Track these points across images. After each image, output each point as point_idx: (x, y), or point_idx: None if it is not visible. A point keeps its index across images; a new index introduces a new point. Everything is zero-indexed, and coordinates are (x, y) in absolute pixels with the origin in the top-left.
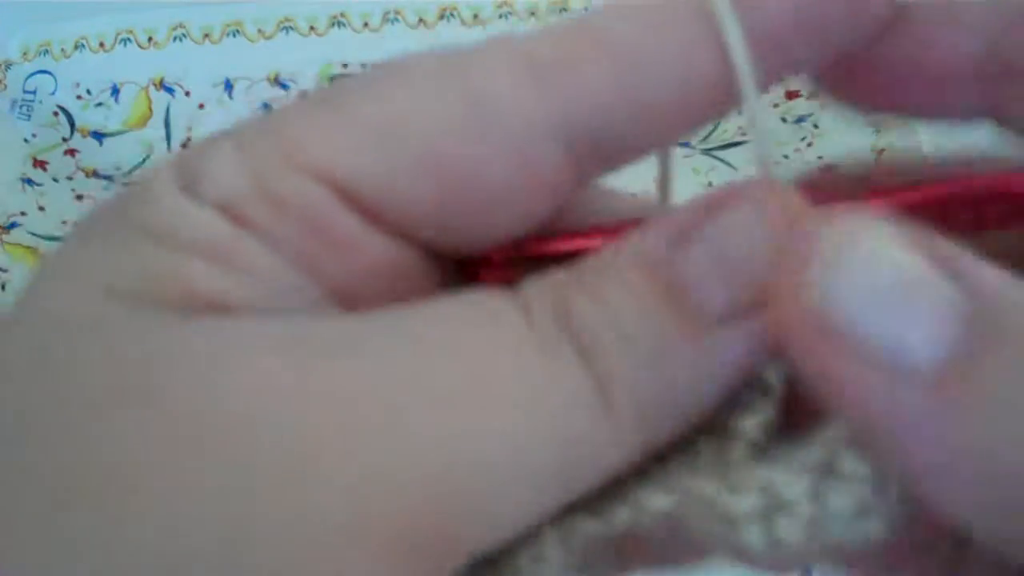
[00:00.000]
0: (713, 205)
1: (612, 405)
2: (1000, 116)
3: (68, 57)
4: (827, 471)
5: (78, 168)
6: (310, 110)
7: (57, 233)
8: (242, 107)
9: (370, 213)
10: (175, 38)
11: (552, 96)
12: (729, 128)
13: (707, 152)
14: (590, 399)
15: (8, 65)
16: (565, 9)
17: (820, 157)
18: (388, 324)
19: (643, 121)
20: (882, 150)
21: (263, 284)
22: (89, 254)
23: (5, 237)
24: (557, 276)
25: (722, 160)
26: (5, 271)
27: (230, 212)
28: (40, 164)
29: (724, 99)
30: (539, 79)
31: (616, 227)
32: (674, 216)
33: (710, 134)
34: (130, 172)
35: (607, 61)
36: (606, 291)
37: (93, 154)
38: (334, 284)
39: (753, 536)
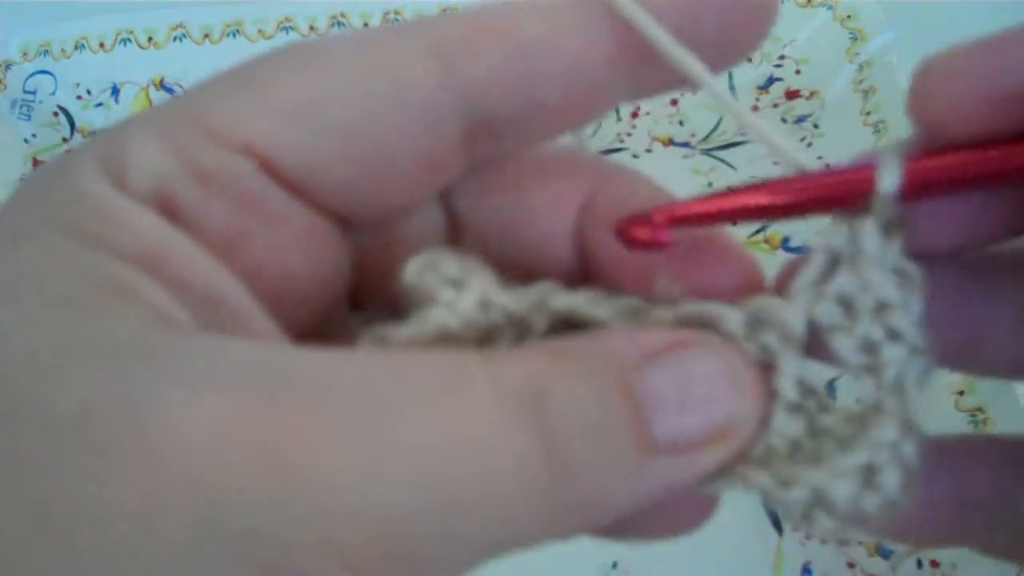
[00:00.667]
0: (680, 340)
1: (558, 490)
2: None
3: (68, 57)
4: (869, 478)
5: None
6: (226, 90)
7: None
8: None
9: (292, 185)
10: (175, 38)
11: (455, 80)
12: (728, 128)
13: (707, 152)
14: (539, 478)
15: (8, 65)
16: None
17: (820, 157)
18: (359, 370)
19: (537, 108)
20: None
21: (197, 294)
22: (22, 259)
23: None
24: (534, 355)
25: (722, 160)
26: None
27: (162, 196)
28: (40, 164)
29: (613, 95)
30: (444, 63)
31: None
32: (648, 334)
33: (710, 134)
34: None
35: (508, 48)
36: (583, 386)
37: None
38: (260, 260)
39: (793, 515)
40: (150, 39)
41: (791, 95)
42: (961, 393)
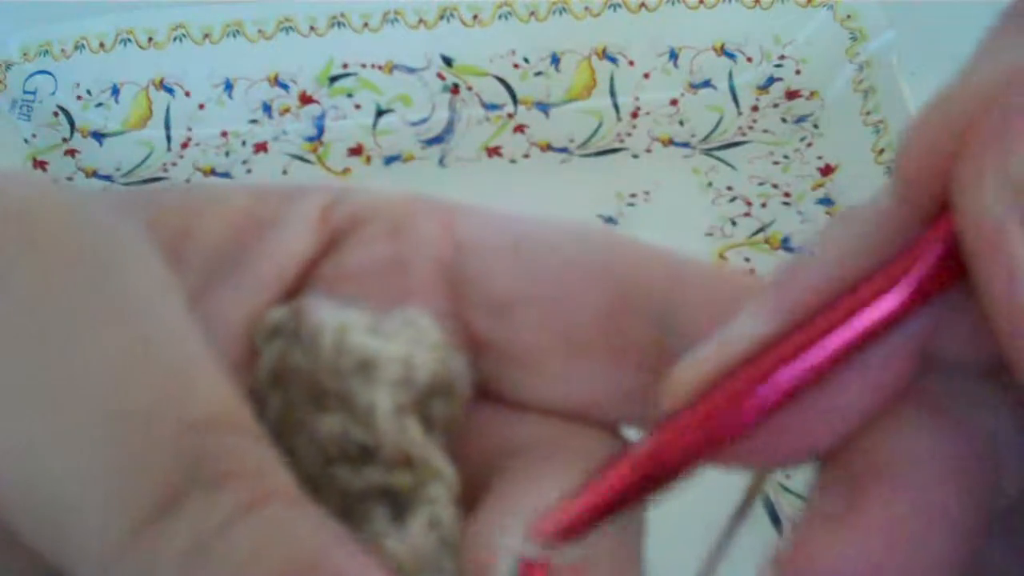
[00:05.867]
0: None
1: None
2: None
3: (68, 57)
4: None
5: (78, 168)
6: None
7: None
8: (242, 107)
9: None
10: (175, 38)
11: None
12: (729, 128)
13: (707, 152)
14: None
15: (8, 65)
16: (565, 9)
17: (820, 157)
18: None
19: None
20: (882, 150)
21: None
22: None
23: None
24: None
25: (722, 160)
26: None
27: None
28: (40, 164)
29: None
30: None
31: None
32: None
33: (710, 134)
34: (130, 172)
35: None
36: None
37: (93, 154)
38: None
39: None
40: (150, 39)
41: (791, 95)
42: None
